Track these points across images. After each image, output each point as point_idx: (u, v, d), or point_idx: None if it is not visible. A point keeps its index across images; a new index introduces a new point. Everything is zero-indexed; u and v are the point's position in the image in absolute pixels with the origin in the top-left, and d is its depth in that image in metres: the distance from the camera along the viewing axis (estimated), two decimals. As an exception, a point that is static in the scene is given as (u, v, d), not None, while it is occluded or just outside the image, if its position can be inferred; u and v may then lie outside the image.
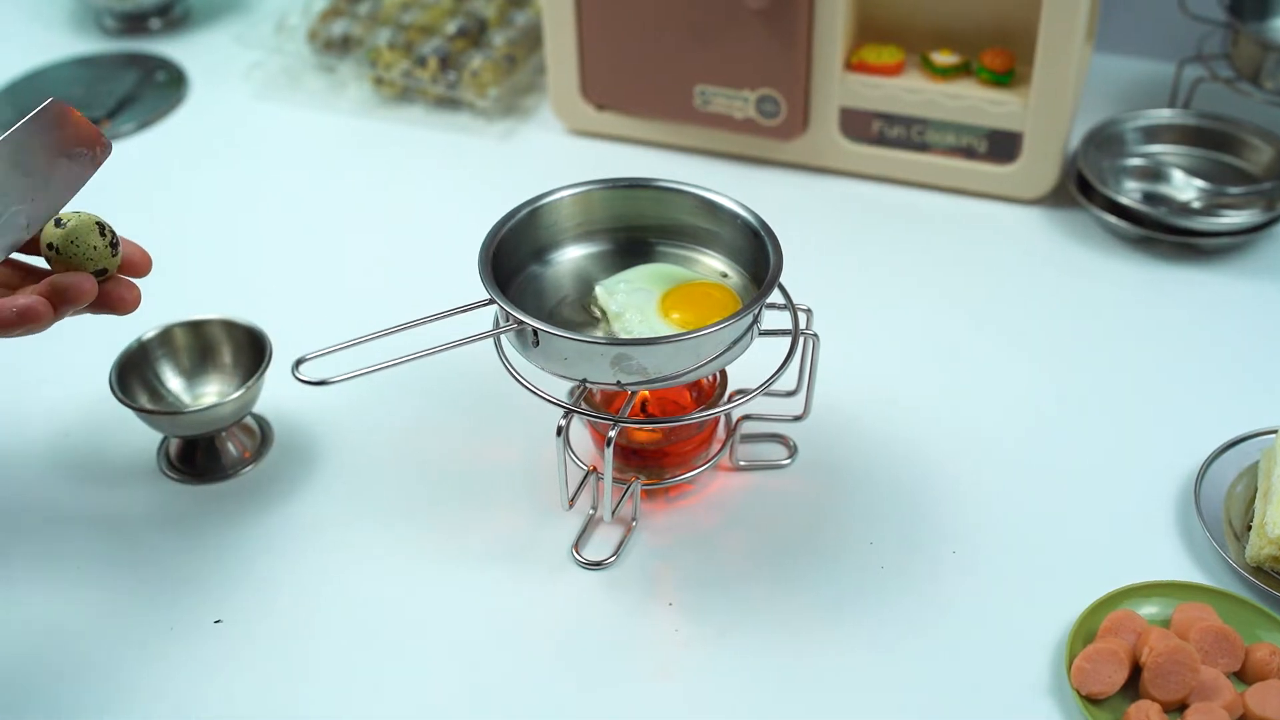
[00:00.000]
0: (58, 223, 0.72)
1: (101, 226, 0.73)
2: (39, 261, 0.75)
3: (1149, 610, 0.79)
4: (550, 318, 0.79)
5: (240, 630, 0.80)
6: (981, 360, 0.98)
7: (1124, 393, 0.95)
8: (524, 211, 0.85)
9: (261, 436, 0.93)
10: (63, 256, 0.72)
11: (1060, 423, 0.93)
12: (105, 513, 0.88)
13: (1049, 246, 1.09)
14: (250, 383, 0.87)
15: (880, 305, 1.04)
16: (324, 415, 0.94)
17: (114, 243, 0.74)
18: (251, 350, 0.91)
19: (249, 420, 0.93)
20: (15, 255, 0.75)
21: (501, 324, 0.81)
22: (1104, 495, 0.87)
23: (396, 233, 1.14)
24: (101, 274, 0.73)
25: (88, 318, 0.77)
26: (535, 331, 0.77)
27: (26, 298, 0.70)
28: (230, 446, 0.91)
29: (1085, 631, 0.77)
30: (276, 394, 0.92)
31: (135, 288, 0.75)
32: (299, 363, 0.77)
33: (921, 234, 1.11)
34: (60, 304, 0.71)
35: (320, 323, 1.01)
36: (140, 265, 0.76)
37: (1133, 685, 0.75)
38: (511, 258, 0.84)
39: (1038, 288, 1.06)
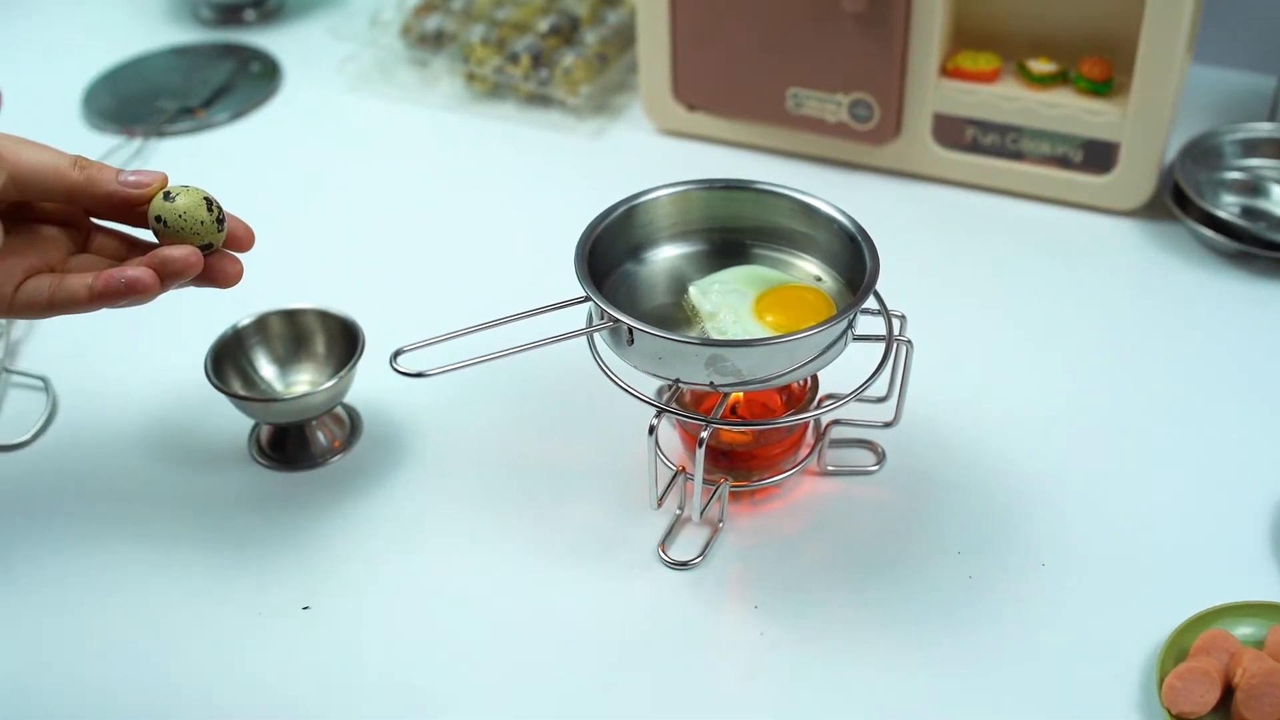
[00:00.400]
0: (166, 195, 0.73)
1: (209, 202, 0.74)
2: (146, 235, 0.76)
3: (1243, 631, 0.77)
4: (643, 316, 0.79)
5: (327, 618, 0.81)
6: (1072, 372, 0.97)
7: (1219, 409, 0.94)
8: (621, 209, 0.85)
9: (351, 426, 0.94)
10: (170, 230, 0.73)
11: (1153, 438, 0.92)
12: (196, 496, 0.89)
13: (1143, 259, 1.08)
14: (343, 373, 0.88)
15: (970, 313, 1.03)
16: (413, 408, 0.95)
17: (220, 218, 0.74)
18: (344, 340, 0.92)
19: (339, 410, 0.94)
20: (122, 227, 0.77)
21: (596, 321, 0.81)
22: (1198, 513, 0.86)
23: (486, 227, 1.15)
24: (207, 248, 0.74)
25: (187, 296, 0.78)
26: (631, 330, 0.77)
27: (134, 269, 0.71)
28: (320, 435, 0.92)
29: (1177, 650, 0.76)
30: (366, 385, 0.93)
31: (238, 262, 0.76)
32: (397, 354, 0.78)
33: (1013, 243, 1.10)
34: (166, 276, 0.72)
35: (410, 315, 1.01)
36: (244, 240, 0.77)
37: (1224, 706, 0.74)
38: (606, 255, 0.85)
39: (1131, 300, 1.04)
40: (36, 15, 1.49)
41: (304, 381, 0.93)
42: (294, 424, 0.91)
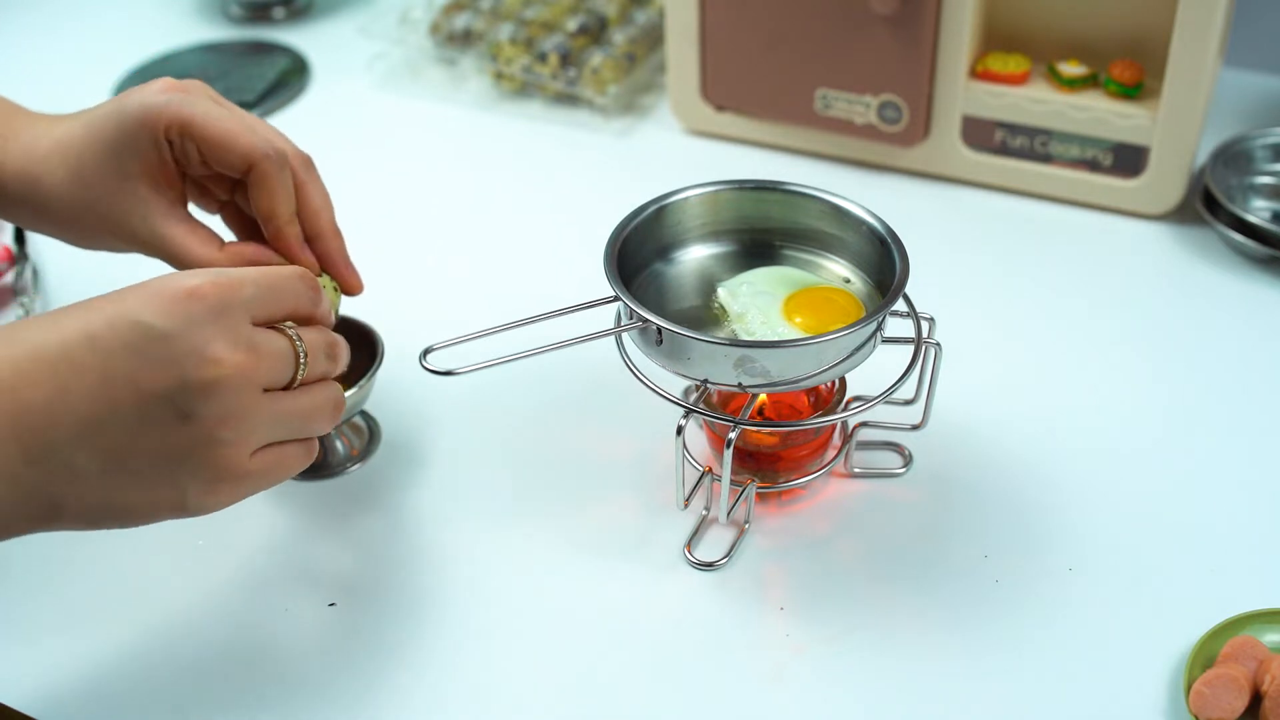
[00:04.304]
0: None
1: (339, 300, 0.81)
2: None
3: (1272, 638, 0.77)
4: (672, 316, 0.79)
5: (353, 615, 0.81)
6: (1101, 376, 0.97)
7: (1247, 415, 0.93)
8: (650, 209, 0.85)
9: (370, 435, 0.93)
10: None
11: (1181, 443, 0.92)
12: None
13: (1172, 263, 1.08)
14: (362, 382, 0.87)
15: (998, 316, 1.03)
16: (432, 416, 0.95)
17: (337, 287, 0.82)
18: (364, 348, 0.91)
19: (358, 419, 0.94)
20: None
21: (624, 321, 0.81)
22: (1226, 518, 0.86)
23: (513, 226, 1.15)
24: None
25: None
26: (659, 330, 0.77)
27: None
28: (339, 444, 0.92)
29: (1205, 656, 0.76)
30: (384, 392, 0.93)
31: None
32: (427, 352, 0.78)
33: (1042, 246, 1.10)
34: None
35: (437, 315, 1.01)
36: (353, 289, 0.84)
37: (1252, 713, 0.74)
38: (635, 255, 0.85)
39: (1160, 305, 1.04)
40: (67, 13, 1.50)
41: None
42: (313, 433, 0.91)
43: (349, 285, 0.83)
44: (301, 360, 0.67)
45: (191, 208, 0.83)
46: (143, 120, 0.76)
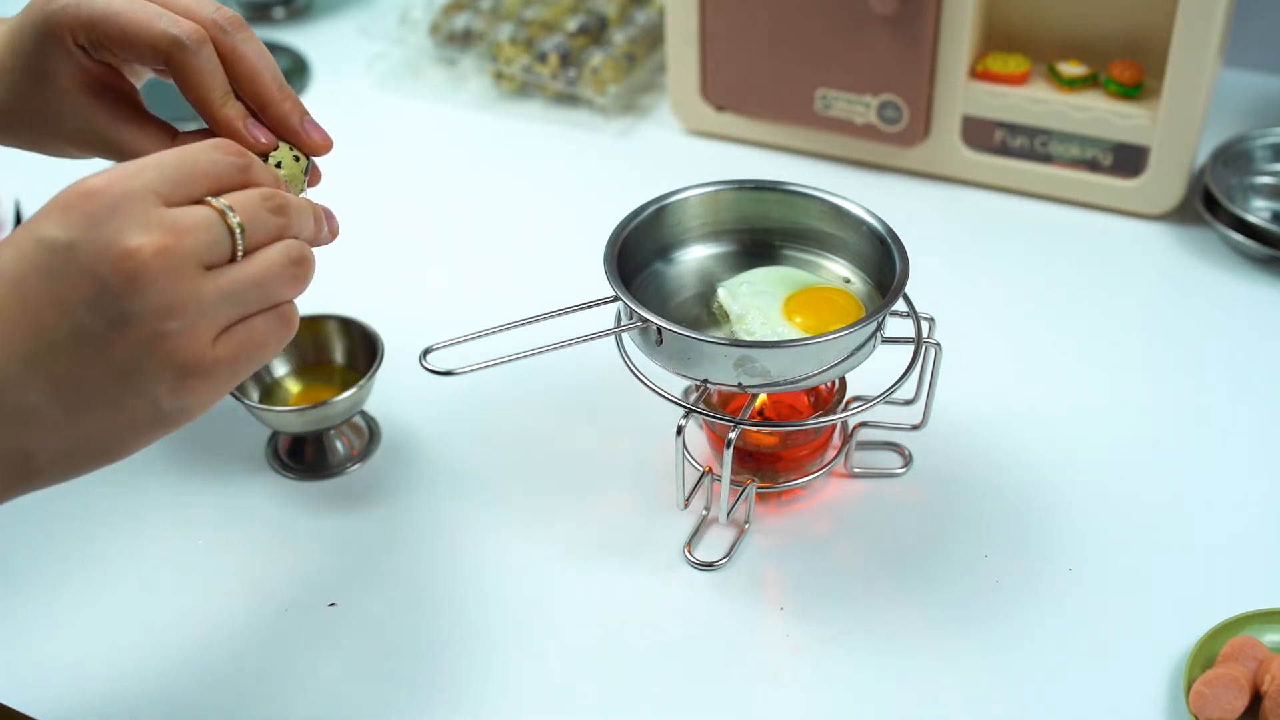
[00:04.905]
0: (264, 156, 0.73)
1: (303, 166, 0.74)
2: None
3: (1272, 638, 0.77)
4: (671, 316, 0.79)
5: (353, 614, 0.81)
6: (1101, 376, 0.97)
7: (1246, 415, 0.93)
8: (650, 209, 0.85)
9: (370, 435, 0.93)
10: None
11: (1181, 443, 0.92)
12: (215, 504, 0.89)
13: (1172, 263, 1.08)
14: (362, 382, 0.87)
15: (998, 316, 1.03)
16: (432, 416, 0.95)
17: (307, 169, 0.76)
18: (364, 348, 0.91)
19: (358, 419, 0.94)
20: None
21: (624, 321, 0.81)
22: (1227, 518, 0.86)
23: (512, 226, 1.15)
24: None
25: None
26: (659, 330, 0.77)
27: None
28: (339, 445, 0.91)
29: (1205, 656, 0.76)
30: (385, 393, 0.93)
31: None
32: (427, 352, 0.78)
33: (1042, 246, 1.10)
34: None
35: (436, 316, 1.02)
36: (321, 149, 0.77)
37: (1252, 713, 0.74)
38: (635, 255, 0.85)
39: (1160, 305, 1.04)
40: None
41: (323, 390, 0.92)
42: (313, 433, 0.90)
43: (311, 146, 0.75)
44: (236, 226, 0.61)
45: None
46: (47, 33, 0.71)
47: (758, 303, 0.83)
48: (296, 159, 0.74)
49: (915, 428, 0.88)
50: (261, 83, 0.72)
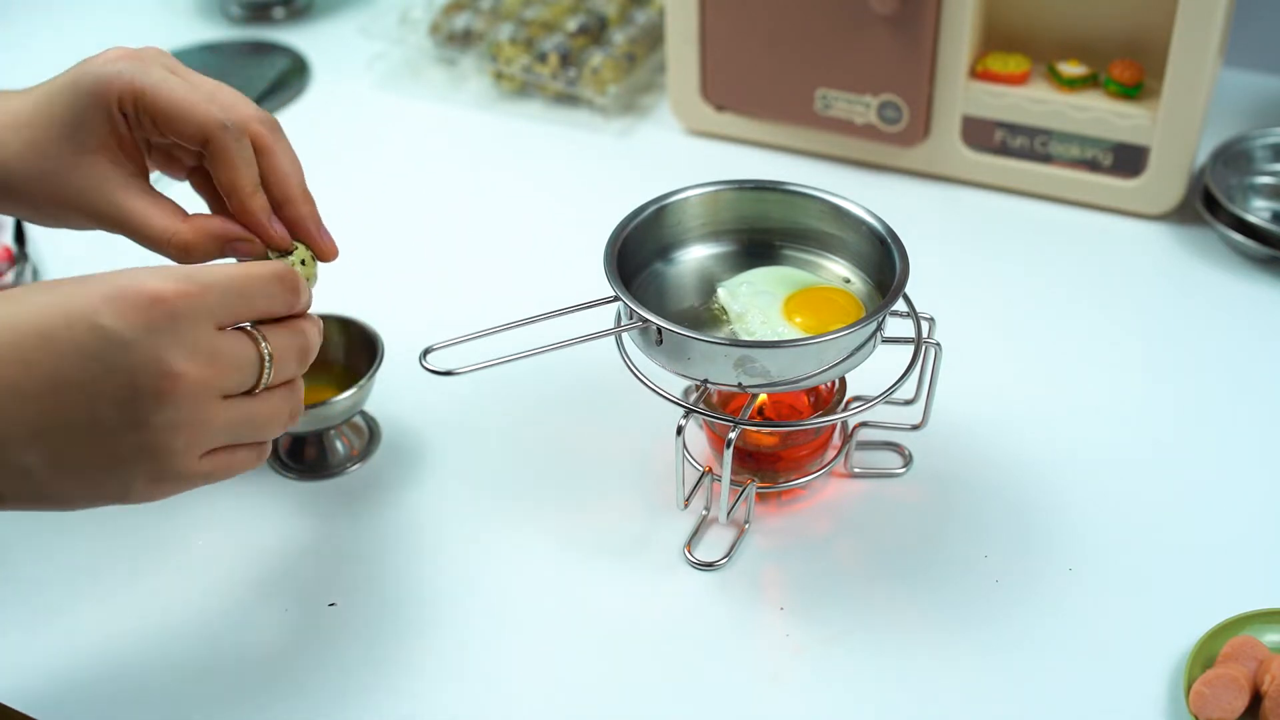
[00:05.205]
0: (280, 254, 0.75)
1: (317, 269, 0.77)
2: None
3: (1272, 638, 0.77)
4: (672, 316, 0.79)
5: (353, 614, 0.81)
6: (1101, 376, 0.97)
7: (1247, 414, 0.93)
8: (650, 209, 0.85)
9: (370, 435, 0.93)
10: None
11: (1181, 443, 0.92)
12: (215, 504, 0.88)
13: (1172, 263, 1.08)
14: (362, 382, 0.87)
15: (998, 316, 1.03)
16: (432, 416, 0.95)
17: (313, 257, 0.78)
18: (364, 348, 0.91)
19: (358, 419, 0.94)
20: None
21: (624, 321, 0.81)
22: (1227, 518, 0.86)
23: (512, 226, 1.15)
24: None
25: None
26: (659, 330, 0.77)
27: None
28: (339, 444, 0.91)
29: (1205, 656, 0.76)
30: (386, 393, 0.93)
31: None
32: (427, 352, 0.78)
33: (1041, 246, 1.10)
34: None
35: (436, 316, 1.02)
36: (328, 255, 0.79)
37: (1252, 713, 0.74)
38: (635, 255, 0.85)
39: (1160, 304, 1.04)
40: (68, 14, 1.50)
41: (323, 390, 0.91)
42: (313, 433, 0.90)
43: (323, 251, 0.78)
44: (267, 367, 0.66)
45: (160, 178, 0.80)
46: (94, 92, 0.73)
47: (758, 303, 0.83)
48: (312, 259, 0.77)
49: (915, 428, 0.88)
50: (290, 183, 0.76)
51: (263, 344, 0.66)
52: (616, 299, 0.79)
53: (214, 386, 0.63)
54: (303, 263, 0.76)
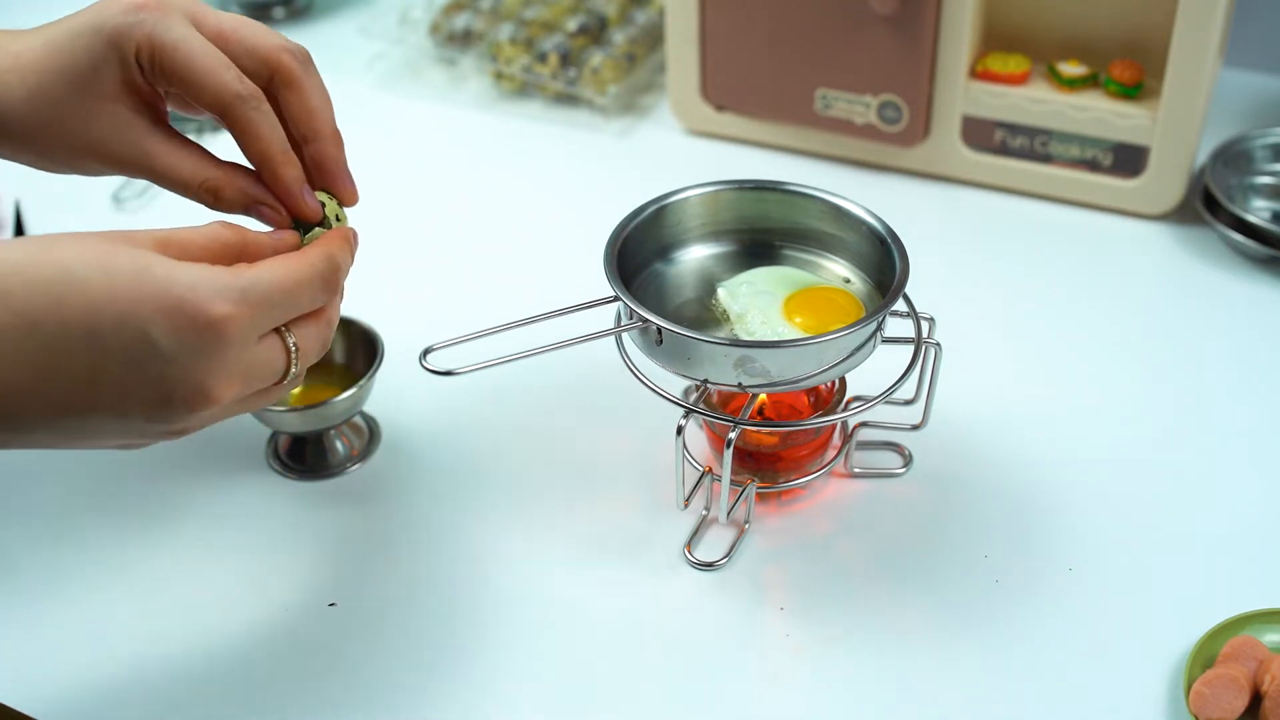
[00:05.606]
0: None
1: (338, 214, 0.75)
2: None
3: (1272, 638, 0.77)
4: (672, 316, 0.79)
5: (353, 614, 0.81)
6: (1100, 376, 0.97)
7: (1247, 415, 0.93)
8: (650, 209, 0.85)
9: (370, 435, 0.93)
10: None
11: (1181, 444, 0.92)
12: (215, 505, 0.89)
13: (1172, 263, 1.08)
14: (362, 382, 0.87)
15: (998, 316, 1.03)
16: (432, 416, 0.94)
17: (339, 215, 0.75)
18: (364, 348, 0.91)
19: (358, 419, 0.94)
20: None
21: (624, 321, 0.81)
22: (1227, 518, 0.86)
23: (512, 226, 1.15)
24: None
25: None
26: (659, 330, 0.77)
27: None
28: (339, 444, 0.91)
29: (1205, 656, 0.76)
30: (385, 393, 0.93)
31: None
32: (427, 352, 0.78)
33: (1041, 246, 1.10)
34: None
35: (436, 316, 1.02)
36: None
37: (1252, 713, 0.74)
38: (635, 255, 0.85)
39: (1160, 305, 1.04)
40: (65, 13, 1.49)
41: (323, 390, 0.91)
42: (313, 433, 0.90)
43: (345, 196, 0.76)
44: (294, 362, 0.67)
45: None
46: (111, 41, 0.70)
47: (758, 303, 0.83)
48: (340, 206, 0.75)
49: (915, 428, 0.88)
50: (319, 119, 0.74)
51: (290, 340, 0.66)
52: (616, 299, 0.79)
53: (243, 395, 0.65)
54: (337, 219, 0.74)
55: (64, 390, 0.61)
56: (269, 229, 0.72)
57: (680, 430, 0.79)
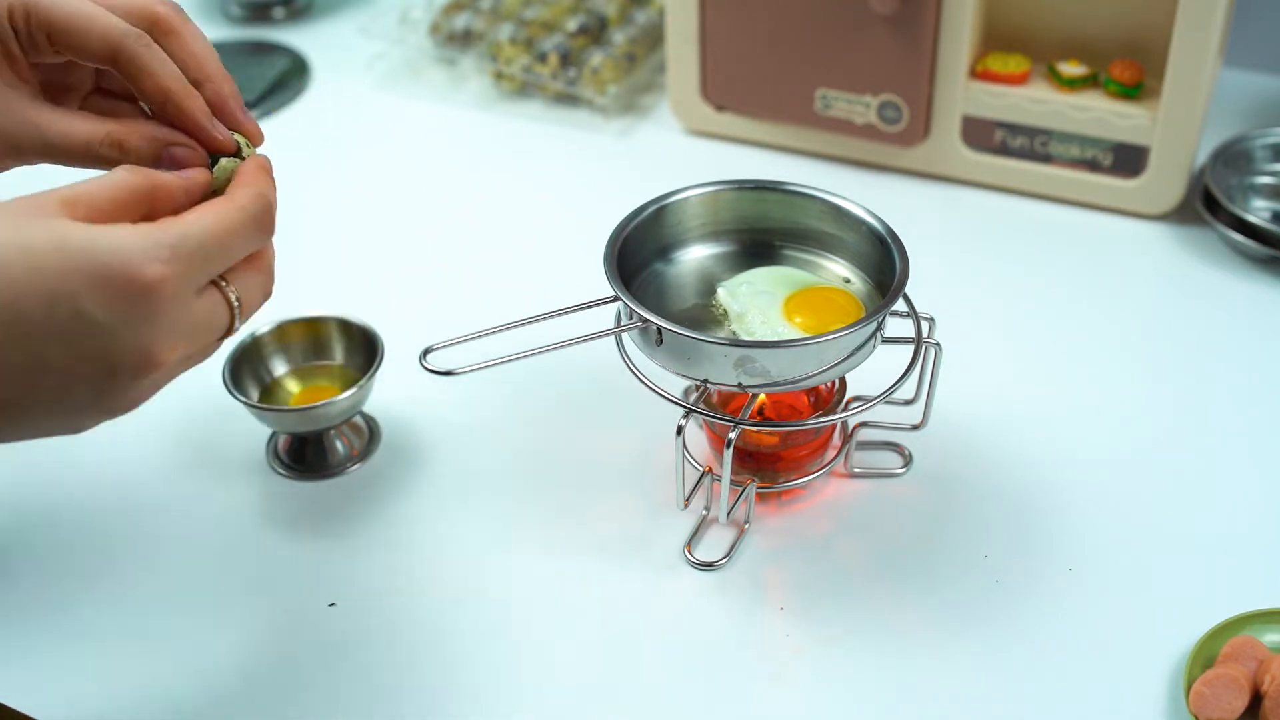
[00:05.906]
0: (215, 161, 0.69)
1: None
2: None
3: (1272, 638, 0.77)
4: (672, 316, 0.79)
5: (353, 616, 0.81)
6: (1100, 376, 0.97)
7: (1247, 415, 0.93)
8: (650, 209, 0.85)
9: (370, 435, 0.93)
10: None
11: (1181, 444, 0.92)
12: (215, 505, 0.89)
13: (1172, 263, 1.08)
14: (362, 382, 0.87)
15: (998, 316, 1.03)
16: (432, 416, 0.94)
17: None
18: (364, 348, 0.91)
19: (358, 419, 0.94)
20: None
21: (624, 321, 0.81)
22: (1226, 519, 0.86)
23: (512, 226, 1.15)
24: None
25: None
26: (659, 330, 0.77)
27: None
28: (339, 445, 0.91)
29: (1205, 656, 0.76)
30: (385, 393, 0.93)
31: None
32: (426, 352, 0.78)
33: (1041, 246, 1.10)
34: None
35: (436, 316, 1.02)
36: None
37: (1252, 713, 0.74)
38: (635, 255, 0.85)
39: (1160, 305, 1.04)
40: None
41: (323, 390, 0.91)
42: (313, 433, 0.90)
43: (251, 134, 0.71)
44: (236, 315, 0.63)
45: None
46: None
47: (758, 303, 0.83)
48: (249, 145, 0.71)
49: (915, 428, 0.88)
50: (207, 60, 0.70)
51: (230, 293, 0.63)
52: (616, 299, 0.79)
53: (189, 353, 0.61)
54: (248, 148, 0.70)
55: (2, 380, 0.57)
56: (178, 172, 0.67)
57: (680, 430, 0.79)
